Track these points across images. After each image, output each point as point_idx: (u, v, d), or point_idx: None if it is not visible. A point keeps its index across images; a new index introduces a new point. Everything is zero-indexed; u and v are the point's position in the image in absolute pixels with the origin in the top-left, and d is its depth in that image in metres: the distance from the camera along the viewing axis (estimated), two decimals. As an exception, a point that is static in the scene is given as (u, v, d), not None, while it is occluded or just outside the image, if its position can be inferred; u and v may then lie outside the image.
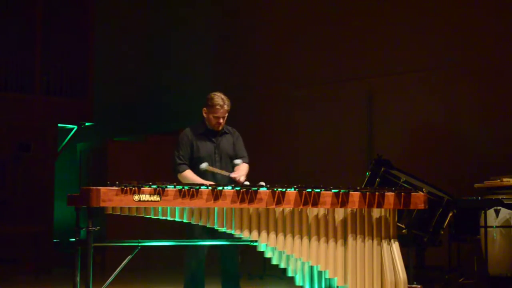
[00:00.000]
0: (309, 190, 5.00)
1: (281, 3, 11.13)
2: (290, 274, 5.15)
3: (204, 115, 5.65)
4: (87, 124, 11.10)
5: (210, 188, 4.77)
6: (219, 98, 5.57)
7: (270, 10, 11.23)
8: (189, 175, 5.49)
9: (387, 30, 9.78)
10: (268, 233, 4.93)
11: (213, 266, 6.07)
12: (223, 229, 4.88)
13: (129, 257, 4.89)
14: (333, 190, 5.06)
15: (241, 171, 5.60)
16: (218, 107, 5.54)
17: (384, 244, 5.22)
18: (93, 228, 4.63)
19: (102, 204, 4.52)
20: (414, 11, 9.58)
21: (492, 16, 8.93)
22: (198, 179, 5.43)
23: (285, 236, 4.97)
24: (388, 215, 5.27)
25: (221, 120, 5.60)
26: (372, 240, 5.19)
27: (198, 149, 5.58)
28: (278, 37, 11.04)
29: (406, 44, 9.60)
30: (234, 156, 5.71)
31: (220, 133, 5.67)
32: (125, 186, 4.56)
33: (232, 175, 5.53)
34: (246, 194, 4.85)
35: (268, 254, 5.05)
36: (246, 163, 5.74)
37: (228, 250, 5.65)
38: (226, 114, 5.62)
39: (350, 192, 5.10)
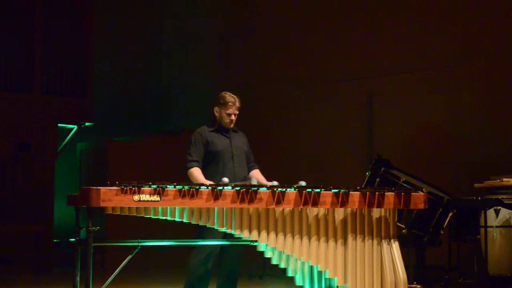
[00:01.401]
0: (309, 190, 5.00)
1: (281, 3, 11.13)
2: (290, 274, 5.15)
3: (216, 113, 5.80)
4: (87, 124, 11.10)
5: (210, 188, 4.78)
6: (231, 96, 5.79)
7: (270, 10, 11.23)
8: (195, 173, 5.56)
9: (387, 30, 9.78)
10: (268, 233, 4.93)
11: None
12: (223, 229, 4.89)
13: (129, 257, 4.89)
14: (333, 190, 5.06)
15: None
16: (230, 104, 5.74)
17: (384, 244, 5.22)
18: (93, 228, 4.62)
19: (102, 204, 4.52)
20: (414, 11, 9.58)
21: (492, 16, 8.93)
22: (202, 179, 5.46)
23: (285, 236, 4.97)
24: (388, 215, 5.27)
25: (233, 117, 5.78)
26: (372, 240, 5.19)
27: (214, 143, 5.71)
28: (278, 37, 11.04)
29: (406, 44, 9.59)
30: (247, 155, 5.87)
31: (231, 130, 5.83)
32: (125, 186, 4.56)
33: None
34: (246, 194, 4.85)
35: (268, 254, 5.04)
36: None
37: (233, 248, 5.65)
38: (237, 112, 5.80)
39: (350, 192, 5.10)
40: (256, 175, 5.84)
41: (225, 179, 5.19)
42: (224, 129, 5.79)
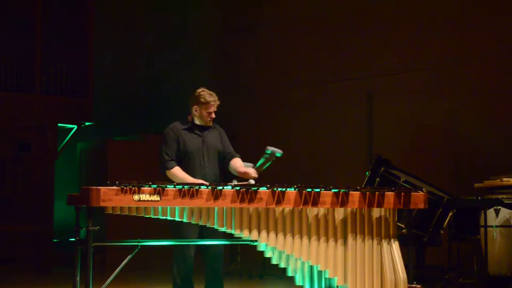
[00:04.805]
0: (309, 189, 5.00)
1: (282, 3, 11.13)
2: (290, 273, 5.15)
3: (195, 112, 5.72)
4: (87, 123, 11.10)
5: (210, 187, 4.78)
6: (210, 95, 5.69)
7: (271, 10, 11.23)
8: (178, 172, 5.51)
9: (387, 30, 9.78)
10: (268, 233, 4.93)
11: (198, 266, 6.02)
12: (223, 229, 4.88)
13: (129, 256, 4.88)
14: (333, 190, 5.06)
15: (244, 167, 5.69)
16: (212, 102, 5.67)
17: (384, 243, 5.22)
18: (93, 227, 4.62)
19: (102, 204, 4.52)
20: (414, 11, 9.58)
21: (492, 16, 8.93)
22: (187, 177, 5.44)
23: (285, 235, 4.97)
24: (388, 214, 5.27)
25: (213, 115, 5.71)
26: (372, 239, 5.19)
27: (185, 143, 5.63)
28: (279, 37, 11.05)
29: (406, 44, 9.60)
30: (221, 150, 5.77)
31: (205, 127, 5.74)
32: (125, 186, 4.56)
33: (253, 175, 5.60)
34: (246, 193, 4.85)
35: (268, 254, 5.04)
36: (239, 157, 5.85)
37: (213, 248, 5.62)
38: (216, 109, 5.73)
39: (350, 192, 5.10)
40: (234, 164, 5.71)
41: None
42: (199, 127, 5.70)
